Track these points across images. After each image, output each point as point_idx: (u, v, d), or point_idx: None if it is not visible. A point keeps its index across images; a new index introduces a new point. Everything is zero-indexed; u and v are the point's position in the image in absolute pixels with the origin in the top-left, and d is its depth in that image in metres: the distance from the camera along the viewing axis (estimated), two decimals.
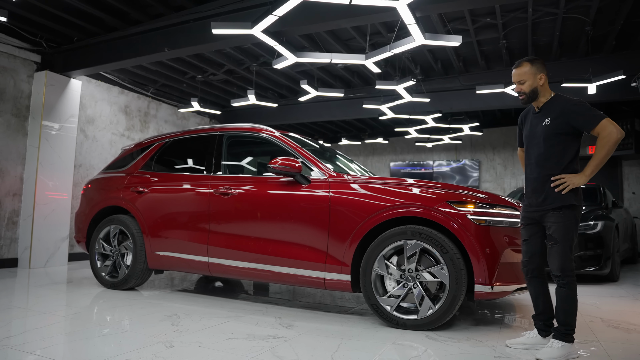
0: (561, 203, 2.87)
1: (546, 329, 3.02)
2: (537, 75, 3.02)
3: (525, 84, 3.03)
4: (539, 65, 3.03)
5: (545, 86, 3.05)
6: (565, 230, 2.85)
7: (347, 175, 4.01)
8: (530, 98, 3.06)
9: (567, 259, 2.83)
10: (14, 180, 6.95)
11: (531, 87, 3.03)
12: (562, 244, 2.84)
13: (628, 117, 10.00)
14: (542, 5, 6.19)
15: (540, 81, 3.02)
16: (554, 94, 3.08)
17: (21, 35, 6.84)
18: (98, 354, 2.79)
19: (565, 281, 2.83)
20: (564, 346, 2.80)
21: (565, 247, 2.83)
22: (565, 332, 2.84)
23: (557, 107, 2.98)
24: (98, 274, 5.09)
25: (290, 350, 2.92)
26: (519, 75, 3.05)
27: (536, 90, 3.03)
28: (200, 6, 6.20)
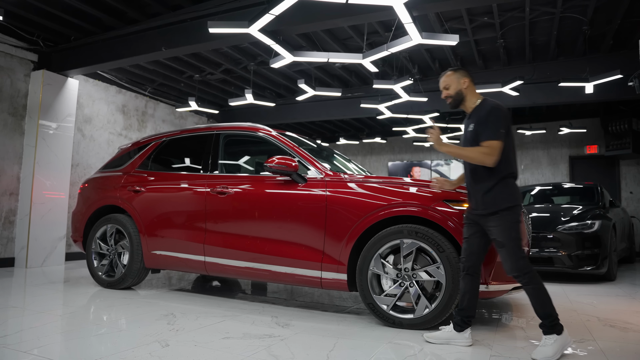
0: (496, 208, 2.93)
1: (462, 325, 3.08)
2: (460, 79, 3.19)
3: (451, 88, 3.20)
4: (461, 72, 3.22)
5: (470, 90, 3.20)
6: (506, 232, 2.90)
7: (344, 175, 4.01)
8: (456, 101, 3.20)
9: (517, 259, 2.88)
10: (10, 180, 6.94)
11: (456, 90, 3.19)
12: (507, 245, 2.89)
13: (625, 116, 10.01)
14: (539, 5, 6.20)
15: (464, 85, 3.18)
16: (482, 99, 3.18)
17: (18, 34, 6.83)
18: (94, 353, 2.78)
19: (525, 280, 2.87)
20: (557, 339, 2.82)
21: (511, 248, 2.89)
22: (551, 325, 2.86)
23: (479, 112, 3.09)
24: (95, 273, 5.08)
25: (286, 349, 2.92)
26: (443, 82, 3.24)
27: (461, 93, 3.18)
28: (197, 5, 6.19)
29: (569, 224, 6.06)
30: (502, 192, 2.95)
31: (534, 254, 5.97)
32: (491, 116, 2.99)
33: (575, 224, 6.04)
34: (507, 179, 2.98)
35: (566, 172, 11.72)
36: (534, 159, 12.10)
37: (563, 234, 5.96)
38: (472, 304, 3.10)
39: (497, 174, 2.96)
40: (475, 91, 3.23)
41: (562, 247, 5.92)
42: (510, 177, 3.00)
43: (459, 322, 3.08)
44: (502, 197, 2.93)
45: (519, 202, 2.97)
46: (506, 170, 2.98)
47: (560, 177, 11.75)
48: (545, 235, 6.03)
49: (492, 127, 2.95)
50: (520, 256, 2.88)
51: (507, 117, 3.02)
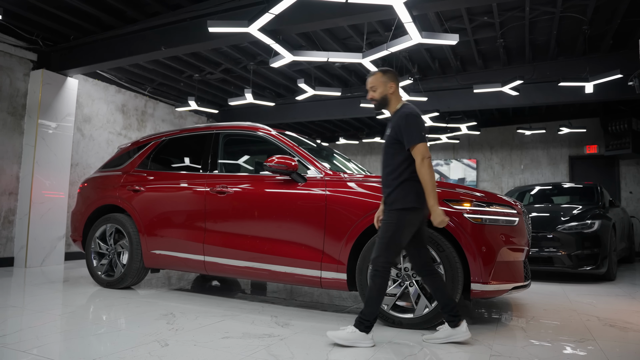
0: (392, 207, 3.05)
1: (453, 319, 3.09)
2: (387, 84, 3.20)
3: (377, 91, 3.21)
4: (390, 75, 3.22)
5: (395, 95, 3.23)
6: (385, 228, 3.04)
7: (343, 174, 4.01)
8: (380, 104, 3.24)
9: (378, 255, 3.01)
10: (10, 179, 6.93)
11: (382, 94, 3.21)
12: (379, 240, 3.05)
13: (625, 116, 10.00)
14: (539, 4, 6.20)
15: (390, 89, 3.20)
16: (402, 103, 3.22)
17: (17, 34, 6.82)
18: (93, 352, 2.78)
19: (372, 273, 3.03)
20: (355, 332, 2.96)
21: (379, 244, 3.03)
22: (360, 320, 3.00)
23: (396, 118, 3.15)
24: (94, 272, 5.07)
25: (285, 349, 2.92)
26: (370, 83, 3.23)
27: (386, 98, 3.21)
28: (197, 5, 6.18)
29: (568, 224, 6.05)
30: (399, 193, 3.06)
31: (534, 253, 5.97)
32: (410, 123, 3.05)
33: (575, 224, 6.04)
34: (407, 182, 3.08)
35: (566, 172, 11.71)
36: (533, 158, 12.10)
37: (563, 234, 5.96)
38: (447, 296, 3.12)
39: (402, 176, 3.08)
40: (399, 95, 3.26)
41: (562, 247, 5.91)
42: (409, 182, 3.08)
43: (450, 319, 3.10)
44: (398, 199, 3.05)
45: (409, 206, 3.03)
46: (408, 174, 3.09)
47: (560, 177, 11.75)
48: (545, 235, 6.03)
49: (415, 132, 3.02)
50: (381, 255, 3.01)
51: (423, 123, 3.13)
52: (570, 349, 3.03)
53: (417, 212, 3.05)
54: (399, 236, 3.02)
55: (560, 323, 3.76)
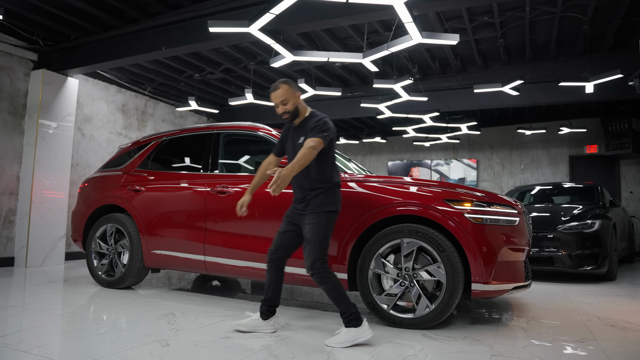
0: (320, 209, 3.16)
1: (268, 313, 3.29)
2: (295, 94, 3.25)
3: (289, 104, 3.24)
4: (295, 85, 3.28)
5: (302, 103, 3.31)
6: (317, 230, 3.12)
7: (344, 174, 4.00)
8: (293, 116, 3.28)
9: (315, 259, 3.07)
10: (10, 179, 6.93)
11: (294, 105, 3.25)
12: (312, 243, 3.10)
13: (625, 116, 10.00)
14: (539, 4, 6.20)
15: (298, 99, 3.27)
16: (309, 111, 3.32)
17: (18, 34, 6.82)
18: (94, 352, 2.78)
19: (318, 279, 3.08)
20: (349, 331, 3.03)
21: (314, 247, 3.09)
22: (346, 320, 3.06)
23: (308, 124, 3.22)
24: (94, 272, 5.07)
25: (286, 349, 2.92)
26: (280, 97, 3.23)
27: (297, 108, 3.27)
28: (198, 4, 6.18)
29: (569, 224, 6.05)
30: (327, 197, 3.18)
31: (534, 253, 5.97)
32: (319, 124, 3.16)
33: (575, 224, 6.04)
34: (335, 187, 3.25)
35: (566, 172, 11.72)
36: (534, 158, 12.10)
37: (563, 234, 5.96)
38: (277, 294, 3.31)
39: (327, 181, 3.21)
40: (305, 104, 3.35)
41: (563, 247, 5.91)
42: (337, 187, 3.27)
43: (265, 311, 3.29)
44: (327, 202, 3.17)
45: (337, 209, 3.24)
46: (336, 179, 3.26)
47: (560, 177, 11.75)
48: (546, 234, 6.03)
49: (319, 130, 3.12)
50: (318, 258, 3.08)
51: (333, 129, 3.21)
52: (570, 348, 3.03)
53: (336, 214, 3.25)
54: (329, 236, 3.19)
55: (561, 323, 3.76)
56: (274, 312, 3.35)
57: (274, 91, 3.25)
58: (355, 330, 3.03)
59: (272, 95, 3.27)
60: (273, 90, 3.26)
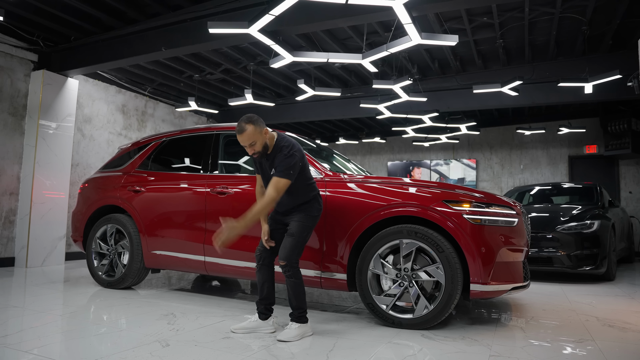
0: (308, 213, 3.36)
1: (266, 312, 3.38)
2: (261, 131, 3.25)
3: (257, 144, 3.25)
4: (259, 122, 3.25)
5: (269, 136, 3.33)
6: (302, 228, 3.30)
7: (343, 175, 4.02)
8: (263, 153, 3.32)
9: (294, 253, 3.24)
10: (10, 180, 6.94)
11: (262, 144, 3.27)
12: (296, 238, 3.26)
13: (624, 116, 10.01)
14: (538, 5, 6.21)
15: (265, 134, 3.28)
16: (275, 139, 3.35)
17: (18, 34, 6.83)
18: (94, 352, 2.79)
19: (290, 272, 3.22)
20: (300, 327, 3.21)
21: (296, 242, 3.26)
22: (299, 315, 3.25)
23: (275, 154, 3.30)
24: (95, 273, 5.09)
25: (285, 349, 2.93)
26: (248, 139, 3.21)
27: (266, 145, 3.31)
28: (197, 5, 6.20)
29: (568, 224, 6.06)
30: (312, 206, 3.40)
31: (533, 253, 5.98)
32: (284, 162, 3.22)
33: (574, 224, 6.05)
34: (315, 198, 3.44)
35: (565, 172, 11.73)
36: (533, 158, 12.12)
37: (562, 234, 5.97)
38: (271, 292, 3.41)
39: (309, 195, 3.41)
40: (271, 133, 3.37)
41: (562, 247, 5.93)
42: (317, 197, 3.46)
43: (263, 311, 3.37)
44: (312, 209, 3.39)
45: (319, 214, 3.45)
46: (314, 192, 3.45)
47: (559, 177, 11.77)
48: (545, 235, 6.04)
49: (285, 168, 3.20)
50: (297, 252, 3.26)
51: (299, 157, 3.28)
52: (569, 349, 3.04)
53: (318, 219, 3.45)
54: (307, 240, 3.39)
55: (560, 323, 3.78)
56: (272, 310, 3.42)
57: (240, 134, 3.21)
58: (304, 326, 3.25)
59: (238, 137, 3.23)
60: (239, 132, 3.21)
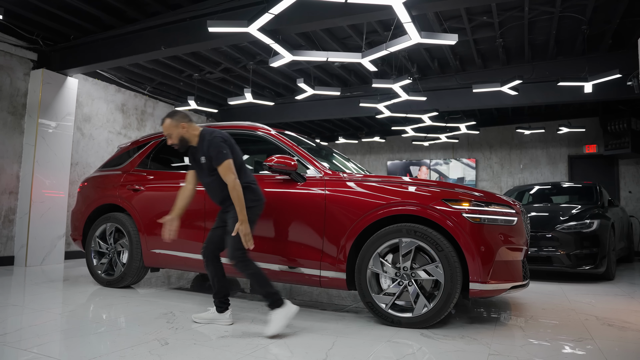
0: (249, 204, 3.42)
1: (222, 305, 3.52)
2: (179, 125, 3.50)
3: (173, 136, 3.52)
4: (178, 117, 3.51)
5: (190, 130, 3.53)
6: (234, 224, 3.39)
7: (342, 174, 4.02)
8: (182, 145, 3.55)
9: (236, 249, 3.35)
10: (10, 178, 6.94)
11: (178, 137, 3.51)
12: (232, 236, 3.37)
13: (624, 115, 10.01)
14: (538, 4, 6.21)
15: (183, 129, 3.51)
16: (199, 131, 3.55)
17: (17, 33, 6.82)
18: (93, 351, 2.79)
19: (240, 267, 3.35)
20: (279, 311, 3.25)
21: (235, 238, 3.36)
22: (273, 301, 3.29)
23: (203, 148, 3.47)
24: (94, 271, 5.09)
25: (285, 347, 2.93)
26: (165, 131, 3.53)
27: (184, 138, 3.52)
28: (197, 4, 6.19)
29: (567, 223, 6.07)
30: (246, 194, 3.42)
31: (533, 253, 5.98)
32: (211, 146, 3.41)
33: (574, 223, 6.05)
34: (248, 186, 3.50)
35: (565, 172, 11.73)
36: (533, 158, 12.12)
37: (562, 233, 5.97)
38: (223, 285, 3.53)
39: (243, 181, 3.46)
40: (194, 126, 3.58)
41: (561, 247, 5.93)
42: (250, 185, 3.54)
43: (219, 304, 3.51)
44: (246, 198, 3.41)
45: (255, 204, 3.53)
46: (247, 179, 3.52)
47: (559, 177, 11.77)
48: (544, 234, 6.04)
49: (217, 153, 3.38)
50: (239, 247, 3.34)
51: (225, 139, 3.48)
52: (568, 348, 3.05)
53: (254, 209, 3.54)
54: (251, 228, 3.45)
55: (559, 322, 3.78)
56: (228, 302, 3.56)
57: (161, 125, 3.57)
58: (282, 309, 3.26)
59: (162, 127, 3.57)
60: (161, 124, 3.58)
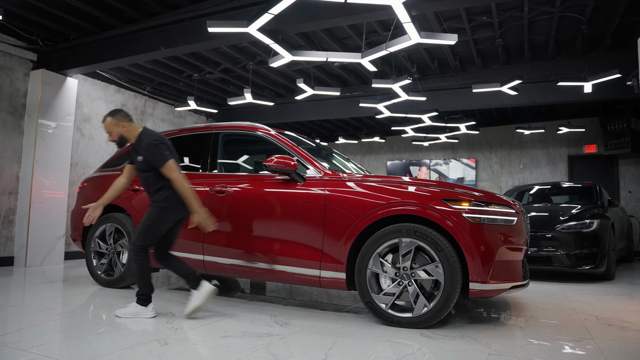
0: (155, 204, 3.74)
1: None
2: (119, 124, 3.79)
3: (113, 134, 3.82)
4: (119, 116, 3.81)
5: (130, 129, 3.82)
6: (147, 217, 3.73)
7: (342, 174, 4.02)
8: (121, 142, 3.87)
9: (137, 239, 3.68)
10: (10, 179, 6.94)
11: (117, 135, 3.82)
12: (142, 224, 3.71)
13: (624, 115, 10.01)
14: (538, 4, 6.20)
15: (123, 128, 3.80)
16: (140, 131, 3.82)
17: (17, 34, 6.82)
18: (93, 351, 2.79)
19: (132, 254, 3.71)
20: (136, 306, 3.64)
21: (141, 228, 3.70)
22: (139, 297, 3.67)
23: (142, 147, 3.73)
24: (94, 272, 5.08)
25: (284, 347, 2.93)
26: (106, 128, 3.84)
27: (123, 136, 3.83)
28: (196, 5, 6.19)
29: (567, 223, 6.07)
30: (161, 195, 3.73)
31: (533, 253, 5.98)
32: (151, 150, 3.68)
33: (573, 223, 6.05)
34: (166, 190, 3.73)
35: (565, 172, 11.73)
36: (532, 158, 12.12)
37: (562, 233, 5.97)
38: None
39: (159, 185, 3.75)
40: (135, 125, 3.84)
41: (561, 246, 5.93)
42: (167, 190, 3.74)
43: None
44: (161, 199, 3.73)
45: (169, 206, 3.74)
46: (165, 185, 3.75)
47: (559, 177, 11.77)
48: (544, 234, 6.04)
49: (159, 157, 3.66)
50: (141, 238, 3.67)
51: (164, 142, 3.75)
52: (568, 348, 3.05)
53: (172, 210, 3.75)
54: (157, 228, 3.73)
55: (559, 322, 3.78)
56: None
57: (102, 123, 3.87)
58: (142, 307, 3.64)
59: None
60: (102, 121, 3.87)
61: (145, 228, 3.69)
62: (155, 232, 3.73)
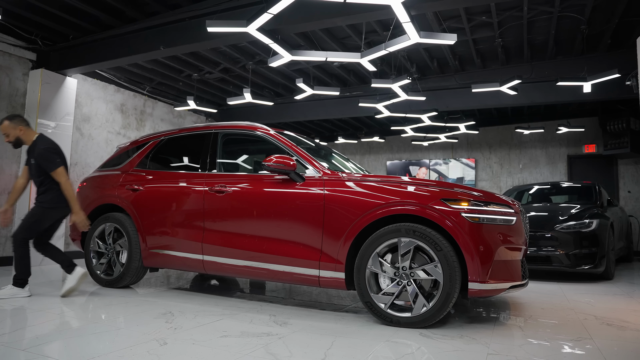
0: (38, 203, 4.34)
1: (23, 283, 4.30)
2: (17, 128, 4.33)
3: (10, 136, 4.34)
4: (16, 121, 4.34)
5: (26, 133, 4.39)
6: (30, 214, 4.33)
7: (341, 173, 4.02)
8: (16, 144, 4.43)
9: (18, 232, 4.27)
10: (9, 178, 6.93)
11: (14, 137, 4.35)
12: (25, 219, 4.32)
13: (623, 115, 10.02)
14: (537, 4, 6.21)
15: (20, 132, 4.36)
16: (36, 136, 4.38)
17: (16, 33, 6.82)
18: (93, 351, 2.79)
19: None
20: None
21: (23, 222, 4.30)
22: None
23: (36, 151, 4.25)
24: (93, 272, 5.08)
25: (283, 347, 2.93)
26: (3, 130, 4.33)
27: (19, 139, 4.38)
28: (196, 4, 6.19)
29: (567, 223, 6.07)
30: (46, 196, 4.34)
31: (532, 252, 5.98)
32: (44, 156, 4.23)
33: (573, 223, 6.05)
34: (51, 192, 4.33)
35: (564, 171, 11.74)
36: (532, 158, 12.13)
37: (561, 233, 5.97)
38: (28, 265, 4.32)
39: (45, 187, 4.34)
40: (32, 130, 4.42)
41: (560, 246, 5.93)
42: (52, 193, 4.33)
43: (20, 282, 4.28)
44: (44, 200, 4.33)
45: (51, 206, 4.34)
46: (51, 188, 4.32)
47: (558, 176, 11.78)
48: (543, 234, 6.04)
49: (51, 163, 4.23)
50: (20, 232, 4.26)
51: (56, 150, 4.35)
52: (567, 347, 3.05)
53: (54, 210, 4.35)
54: (38, 224, 4.32)
55: (558, 322, 3.78)
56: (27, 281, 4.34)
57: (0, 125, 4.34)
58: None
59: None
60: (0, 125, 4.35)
61: (28, 224, 4.28)
62: (35, 228, 4.33)
